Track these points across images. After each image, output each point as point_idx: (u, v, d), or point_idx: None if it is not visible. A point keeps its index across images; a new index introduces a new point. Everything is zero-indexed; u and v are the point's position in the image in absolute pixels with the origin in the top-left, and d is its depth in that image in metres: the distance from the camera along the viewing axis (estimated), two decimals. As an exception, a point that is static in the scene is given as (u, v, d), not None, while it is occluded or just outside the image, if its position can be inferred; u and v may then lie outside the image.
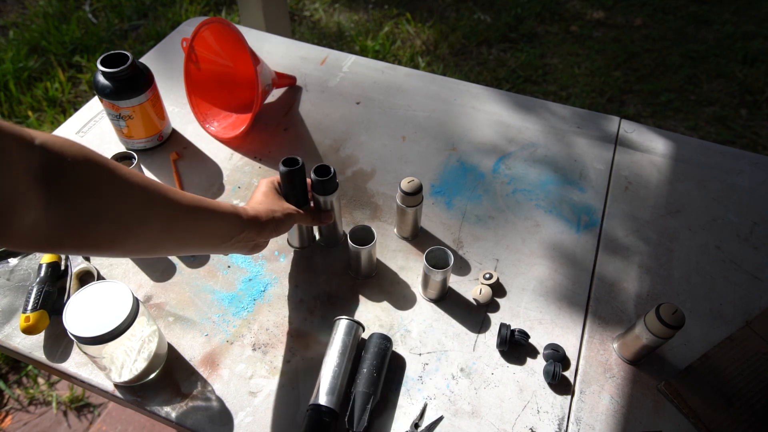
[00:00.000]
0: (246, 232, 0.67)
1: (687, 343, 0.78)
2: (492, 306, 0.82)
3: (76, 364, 0.75)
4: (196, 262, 0.87)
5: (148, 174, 0.99)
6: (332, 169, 0.78)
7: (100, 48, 2.44)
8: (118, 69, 0.90)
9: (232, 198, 0.96)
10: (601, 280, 0.86)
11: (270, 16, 1.79)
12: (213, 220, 0.63)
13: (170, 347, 0.77)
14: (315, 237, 0.89)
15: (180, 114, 1.10)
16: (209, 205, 0.63)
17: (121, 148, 1.03)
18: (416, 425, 0.70)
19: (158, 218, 0.56)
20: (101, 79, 0.92)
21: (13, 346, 0.77)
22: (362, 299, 0.82)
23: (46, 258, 0.82)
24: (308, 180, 0.81)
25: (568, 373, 0.75)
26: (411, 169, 1.01)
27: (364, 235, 0.81)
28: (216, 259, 0.87)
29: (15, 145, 0.43)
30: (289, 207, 0.75)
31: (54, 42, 2.42)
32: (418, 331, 0.79)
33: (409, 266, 0.87)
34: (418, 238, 0.90)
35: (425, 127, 1.09)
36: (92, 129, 1.06)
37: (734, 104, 2.32)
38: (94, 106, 1.11)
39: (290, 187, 0.77)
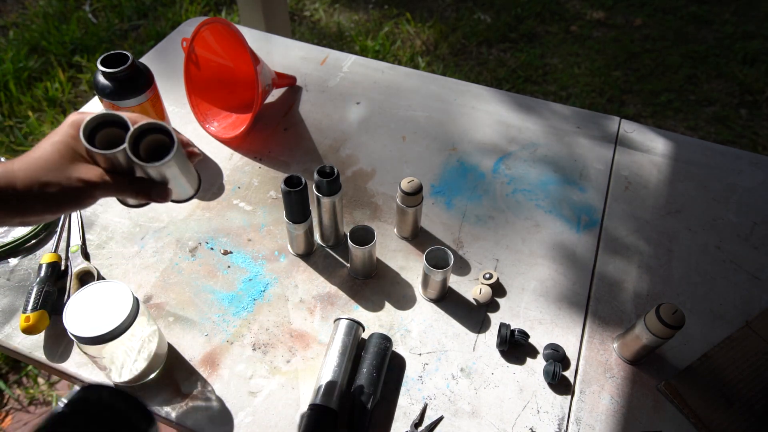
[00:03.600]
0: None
1: (687, 343, 0.78)
2: (492, 306, 0.82)
3: (76, 364, 0.75)
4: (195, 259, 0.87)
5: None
6: (336, 170, 0.78)
7: (100, 48, 2.43)
8: (118, 69, 0.90)
9: (232, 198, 0.95)
10: (601, 280, 0.86)
11: (270, 16, 1.79)
12: None
13: (170, 347, 0.77)
14: (315, 244, 0.89)
15: (180, 114, 1.10)
16: None
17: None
18: (416, 425, 0.70)
19: None
20: (101, 79, 0.92)
21: (13, 346, 0.77)
22: (362, 299, 0.82)
23: (46, 258, 0.82)
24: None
25: (568, 373, 0.75)
26: (411, 169, 1.01)
27: (364, 235, 0.81)
28: (216, 259, 0.87)
29: None
30: (86, 174, 0.50)
31: (54, 42, 2.42)
32: (418, 331, 0.79)
33: (409, 266, 0.87)
34: (418, 238, 0.90)
35: (425, 127, 1.09)
36: (92, 129, 1.06)
37: (734, 104, 2.32)
38: (94, 106, 1.11)
39: (289, 206, 0.78)
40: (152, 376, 0.73)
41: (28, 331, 0.73)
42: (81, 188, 0.49)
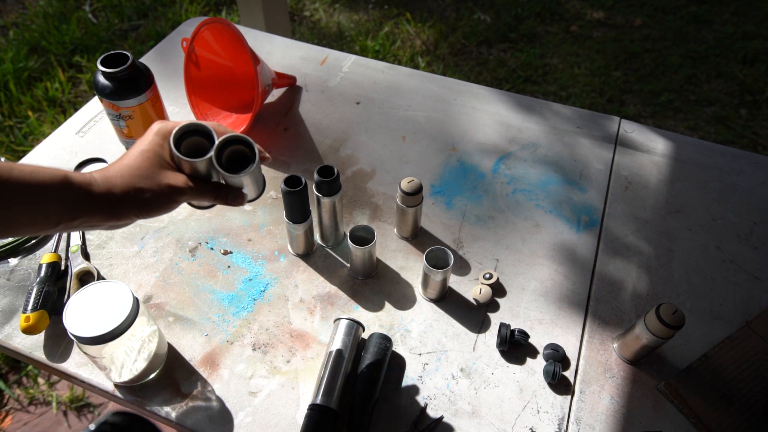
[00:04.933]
0: (85, 217, 0.50)
1: (687, 343, 0.78)
2: (492, 306, 0.82)
3: (76, 364, 0.75)
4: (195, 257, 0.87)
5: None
6: (336, 170, 0.78)
7: (100, 48, 2.43)
8: (118, 69, 0.90)
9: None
10: (601, 280, 0.86)
11: (270, 16, 1.79)
12: (10, 206, 0.45)
13: (170, 347, 0.77)
14: (315, 244, 0.89)
15: (180, 114, 1.10)
16: (4, 178, 0.45)
17: (122, 149, 1.03)
18: (416, 425, 0.70)
19: None
20: (101, 79, 0.92)
21: (13, 346, 0.77)
22: (362, 299, 0.82)
23: (46, 258, 0.82)
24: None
25: (568, 373, 0.75)
26: (411, 169, 1.01)
27: (364, 235, 0.81)
28: (216, 259, 0.87)
29: None
30: (174, 180, 0.54)
31: (54, 42, 2.42)
32: (418, 331, 0.79)
33: (409, 266, 0.87)
34: (418, 238, 0.90)
35: (425, 127, 1.09)
36: (92, 129, 1.06)
37: (734, 104, 2.32)
38: (94, 106, 1.11)
39: (289, 206, 0.78)
40: (152, 376, 0.73)
41: (28, 331, 0.73)
42: (169, 193, 0.53)
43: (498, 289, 0.84)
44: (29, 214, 0.47)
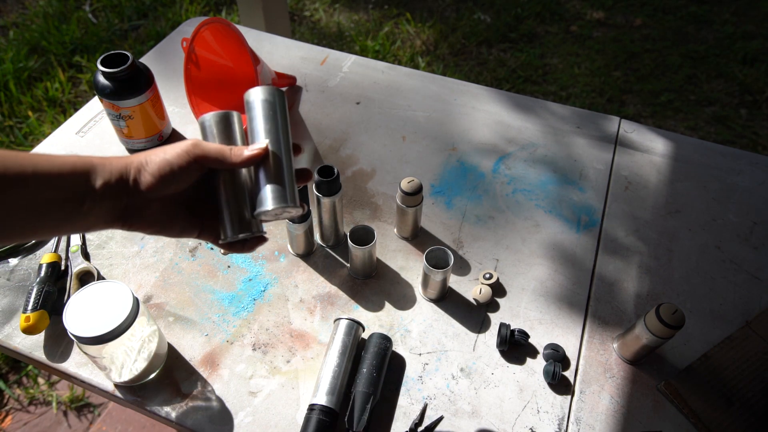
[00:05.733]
0: (103, 187, 0.47)
1: (687, 343, 0.78)
2: (492, 306, 0.82)
3: (76, 364, 0.75)
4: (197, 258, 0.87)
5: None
6: (336, 170, 0.78)
7: (100, 48, 2.44)
8: (118, 69, 0.90)
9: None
10: (601, 280, 0.86)
11: (270, 16, 1.79)
12: (36, 183, 0.44)
13: (170, 347, 0.77)
14: (315, 244, 0.89)
15: (180, 114, 1.10)
16: (26, 163, 0.44)
17: (122, 149, 1.03)
18: (416, 425, 0.70)
19: None
20: (101, 79, 0.92)
21: (13, 346, 0.77)
22: (362, 299, 0.82)
23: (46, 258, 0.82)
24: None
25: (568, 373, 0.75)
26: (411, 169, 1.01)
27: (364, 235, 0.81)
28: (216, 259, 0.87)
29: None
30: (178, 143, 0.52)
31: (54, 42, 2.42)
32: (418, 331, 0.79)
33: (409, 266, 0.87)
34: (418, 238, 0.90)
35: (425, 127, 1.09)
36: (92, 129, 1.06)
37: (734, 104, 2.32)
38: (94, 106, 1.11)
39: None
40: (152, 376, 0.73)
41: (28, 331, 0.73)
42: (176, 150, 0.50)
43: (498, 289, 0.84)
44: (56, 190, 0.46)
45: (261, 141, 0.54)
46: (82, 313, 0.63)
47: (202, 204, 0.55)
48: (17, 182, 0.43)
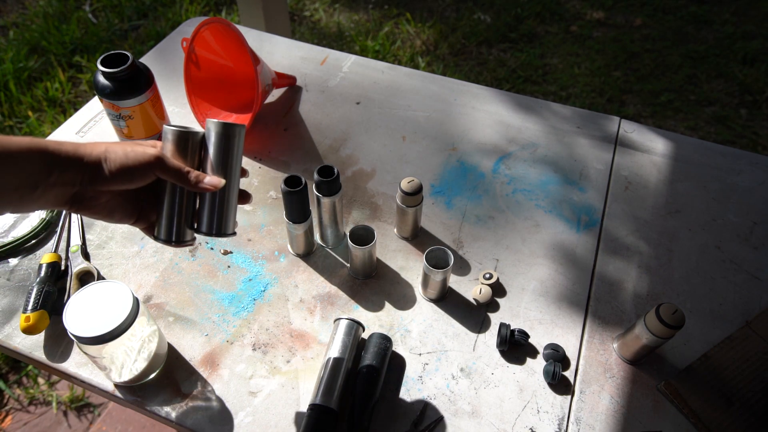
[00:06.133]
0: (57, 172, 0.50)
1: (687, 343, 0.78)
2: (492, 306, 0.82)
3: (76, 364, 0.75)
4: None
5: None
6: (336, 170, 0.78)
7: (100, 48, 2.44)
8: (118, 69, 0.90)
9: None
10: (601, 280, 0.86)
11: (270, 16, 1.79)
12: None
13: (170, 347, 0.77)
14: (315, 244, 0.89)
15: (180, 114, 1.10)
16: None
17: (121, 148, 1.03)
18: (416, 425, 0.70)
19: None
20: (101, 79, 0.92)
21: (13, 346, 0.77)
22: (362, 299, 0.82)
23: (46, 258, 0.82)
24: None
25: (568, 373, 0.75)
26: (411, 169, 1.01)
27: (364, 235, 0.81)
28: (216, 259, 0.87)
29: None
30: (143, 148, 0.56)
31: (54, 42, 2.42)
32: (418, 331, 0.79)
33: (409, 266, 0.87)
34: (418, 238, 0.90)
35: (425, 127, 1.09)
36: (92, 129, 1.06)
37: (734, 104, 2.32)
38: (94, 106, 1.11)
39: (289, 206, 0.78)
40: (152, 376, 0.73)
41: (28, 331, 0.73)
42: (141, 156, 0.54)
43: (498, 289, 0.84)
44: (10, 176, 0.48)
45: (218, 178, 0.59)
46: (82, 313, 0.63)
47: (142, 195, 0.60)
48: None
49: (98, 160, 0.53)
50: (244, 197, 0.66)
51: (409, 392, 0.73)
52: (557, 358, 0.75)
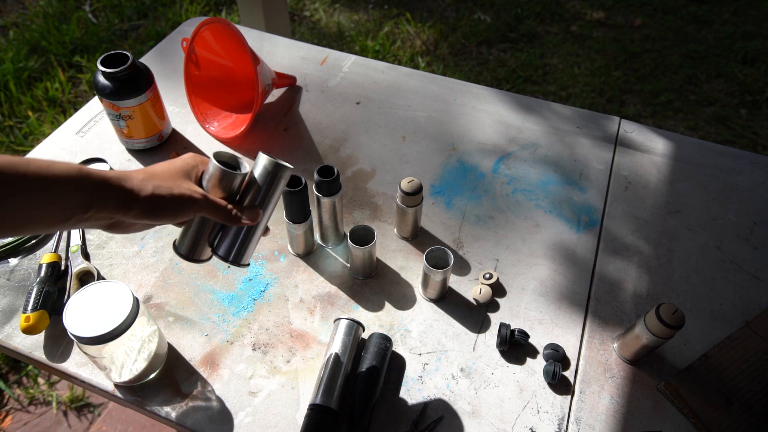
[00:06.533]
0: (96, 208, 0.49)
1: (687, 343, 0.78)
2: (492, 306, 0.82)
3: (76, 364, 0.75)
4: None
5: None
6: (336, 170, 0.78)
7: (100, 48, 2.44)
8: (118, 69, 0.90)
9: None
10: (601, 280, 0.86)
11: (270, 16, 1.79)
12: (27, 200, 0.45)
13: (170, 347, 0.77)
14: (315, 244, 0.89)
15: (180, 114, 1.10)
16: (22, 171, 0.45)
17: (122, 149, 1.03)
18: (416, 425, 0.70)
19: None
20: (101, 79, 0.92)
21: (13, 346, 0.77)
22: (362, 299, 0.82)
23: (46, 258, 0.82)
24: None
25: (568, 373, 0.75)
26: (411, 169, 1.01)
27: (364, 235, 0.81)
28: (216, 259, 0.86)
29: None
30: (191, 190, 0.56)
31: (54, 42, 2.42)
32: (418, 331, 0.79)
33: (409, 266, 0.87)
34: (418, 238, 0.90)
35: (425, 127, 1.09)
36: (92, 129, 1.06)
37: (734, 104, 2.32)
38: (94, 106, 1.11)
39: (289, 206, 0.78)
40: (152, 376, 0.73)
41: (28, 331, 0.73)
42: (183, 197, 0.54)
43: (498, 289, 0.84)
44: (46, 205, 0.47)
45: (255, 212, 0.60)
46: (82, 313, 0.63)
47: None
48: (15, 191, 0.45)
49: (145, 202, 0.52)
50: (265, 231, 0.66)
51: (409, 392, 0.73)
52: (557, 358, 0.75)
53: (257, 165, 0.61)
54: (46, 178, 0.46)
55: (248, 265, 0.65)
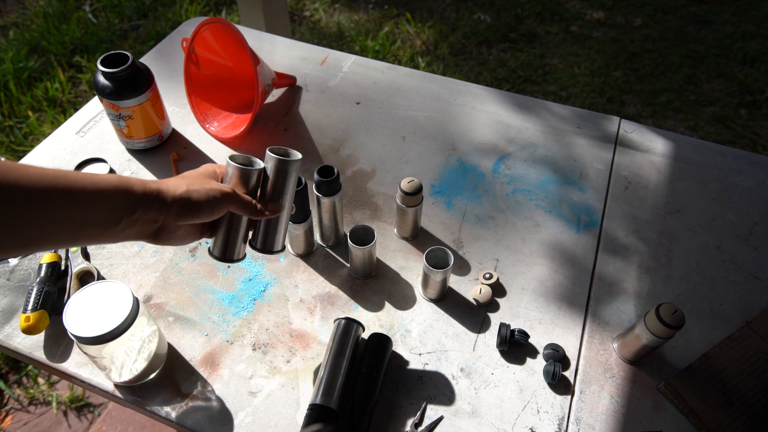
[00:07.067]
0: (141, 211, 0.53)
1: (687, 343, 0.78)
2: (492, 306, 0.82)
3: (76, 364, 0.75)
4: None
5: (148, 175, 0.99)
6: (336, 170, 0.78)
7: (100, 48, 2.44)
8: (119, 69, 0.90)
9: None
10: (601, 280, 0.86)
11: (270, 16, 1.79)
12: (80, 204, 0.49)
13: (170, 347, 0.77)
14: (315, 244, 0.89)
15: (180, 114, 1.10)
16: (74, 183, 0.49)
17: (122, 149, 1.03)
18: (416, 425, 0.70)
19: None
20: (101, 79, 0.92)
21: (13, 346, 0.77)
22: (362, 299, 0.82)
23: (46, 258, 0.82)
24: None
25: (568, 373, 0.75)
26: (411, 169, 1.01)
27: (364, 235, 0.81)
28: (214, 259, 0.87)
29: None
30: (219, 186, 0.61)
31: (54, 42, 2.42)
32: (418, 331, 0.79)
33: (409, 266, 0.87)
34: (418, 238, 0.90)
35: (425, 127, 1.09)
36: (92, 129, 1.06)
37: (734, 104, 2.32)
38: (95, 106, 1.11)
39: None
40: (152, 376, 0.73)
41: (28, 331, 0.73)
42: (214, 194, 0.59)
43: (498, 289, 0.84)
44: (96, 211, 0.51)
45: (278, 204, 0.65)
46: (82, 313, 0.63)
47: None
48: (64, 201, 0.48)
49: (182, 199, 0.56)
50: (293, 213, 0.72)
51: (409, 392, 0.73)
52: (557, 358, 0.75)
53: (268, 163, 0.66)
54: (93, 183, 0.50)
55: (283, 250, 0.70)
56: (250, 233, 0.69)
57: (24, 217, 0.46)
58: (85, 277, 0.84)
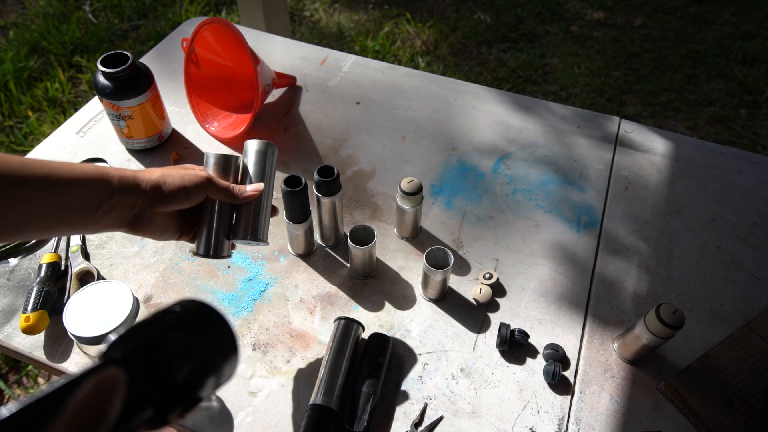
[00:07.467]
0: (118, 195, 0.54)
1: (687, 343, 0.78)
2: (492, 306, 0.82)
3: (76, 364, 0.75)
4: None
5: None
6: (336, 170, 0.78)
7: (100, 48, 2.44)
8: (119, 69, 0.90)
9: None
10: (601, 280, 0.86)
11: (270, 16, 1.79)
12: (59, 191, 0.50)
13: (170, 347, 0.77)
14: (315, 244, 0.89)
15: (180, 114, 1.10)
16: (53, 171, 0.50)
17: (122, 148, 1.03)
18: (416, 425, 0.70)
19: None
20: (101, 79, 0.92)
21: (13, 346, 0.77)
22: (362, 299, 0.82)
23: (46, 258, 0.82)
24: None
25: (568, 373, 0.75)
26: (411, 169, 1.01)
27: (364, 235, 0.81)
28: (216, 259, 0.87)
29: None
30: (194, 172, 0.62)
31: (54, 42, 2.42)
32: (418, 331, 0.79)
33: (409, 266, 0.87)
34: (418, 238, 0.90)
35: (425, 127, 1.09)
36: (92, 129, 1.06)
37: (734, 104, 2.32)
38: (94, 106, 1.11)
39: (289, 206, 0.79)
40: (152, 376, 0.73)
41: (28, 331, 0.73)
42: (191, 179, 0.60)
43: (498, 289, 0.84)
44: (75, 197, 0.52)
45: (258, 183, 0.67)
46: (82, 313, 0.63)
47: (185, 213, 0.64)
48: (43, 188, 0.49)
49: (157, 184, 0.58)
50: (273, 211, 0.73)
51: (409, 392, 0.73)
52: (557, 358, 0.75)
53: (247, 150, 0.69)
54: (71, 171, 0.52)
55: (267, 243, 0.70)
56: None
57: (4, 204, 0.47)
58: (85, 277, 0.84)
